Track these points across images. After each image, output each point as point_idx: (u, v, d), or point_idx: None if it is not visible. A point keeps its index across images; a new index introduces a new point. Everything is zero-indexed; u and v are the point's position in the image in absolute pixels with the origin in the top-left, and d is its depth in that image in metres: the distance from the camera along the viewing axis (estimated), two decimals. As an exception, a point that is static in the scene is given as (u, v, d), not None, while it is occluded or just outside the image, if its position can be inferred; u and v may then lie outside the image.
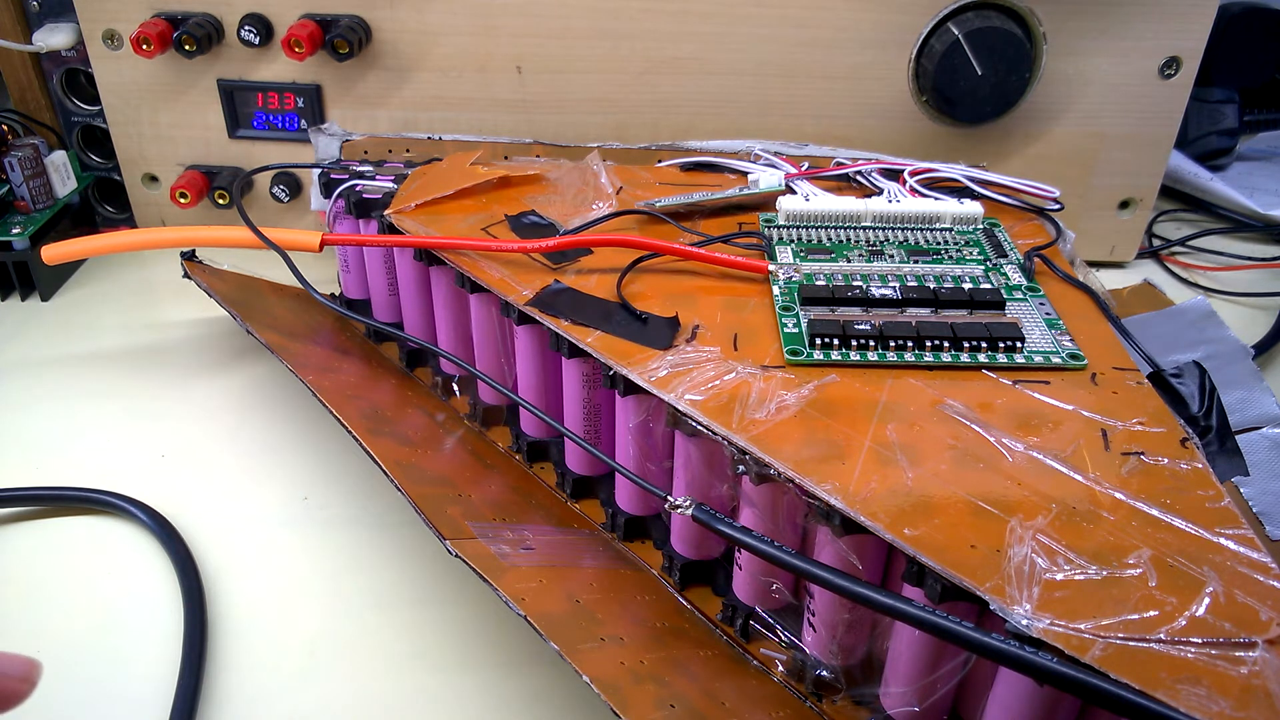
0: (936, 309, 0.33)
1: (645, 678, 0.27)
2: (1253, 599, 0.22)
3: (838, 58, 0.47)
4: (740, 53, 0.47)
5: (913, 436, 0.27)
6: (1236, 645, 0.21)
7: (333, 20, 0.47)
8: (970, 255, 0.37)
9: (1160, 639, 0.21)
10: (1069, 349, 0.31)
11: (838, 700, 0.28)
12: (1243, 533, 0.24)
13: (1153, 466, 0.26)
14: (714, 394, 0.29)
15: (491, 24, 0.47)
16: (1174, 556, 0.23)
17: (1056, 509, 0.25)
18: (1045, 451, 0.27)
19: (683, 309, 0.33)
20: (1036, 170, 0.48)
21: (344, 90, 0.49)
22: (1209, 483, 0.26)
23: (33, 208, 0.51)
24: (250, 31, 0.47)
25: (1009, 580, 0.23)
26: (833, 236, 0.38)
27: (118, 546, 0.36)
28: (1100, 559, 0.23)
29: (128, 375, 0.45)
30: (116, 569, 0.35)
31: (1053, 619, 0.22)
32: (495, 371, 0.38)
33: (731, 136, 0.48)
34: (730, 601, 0.31)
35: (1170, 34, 0.46)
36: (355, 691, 0.31)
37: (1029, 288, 0.35)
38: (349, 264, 0.45)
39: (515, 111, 0.49)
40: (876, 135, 0.49)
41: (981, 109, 0.47)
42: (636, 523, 0.34)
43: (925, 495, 0.25)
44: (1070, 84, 0.47)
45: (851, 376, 0.30)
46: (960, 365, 0.30)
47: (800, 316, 0.33)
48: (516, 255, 0.36)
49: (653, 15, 0.46)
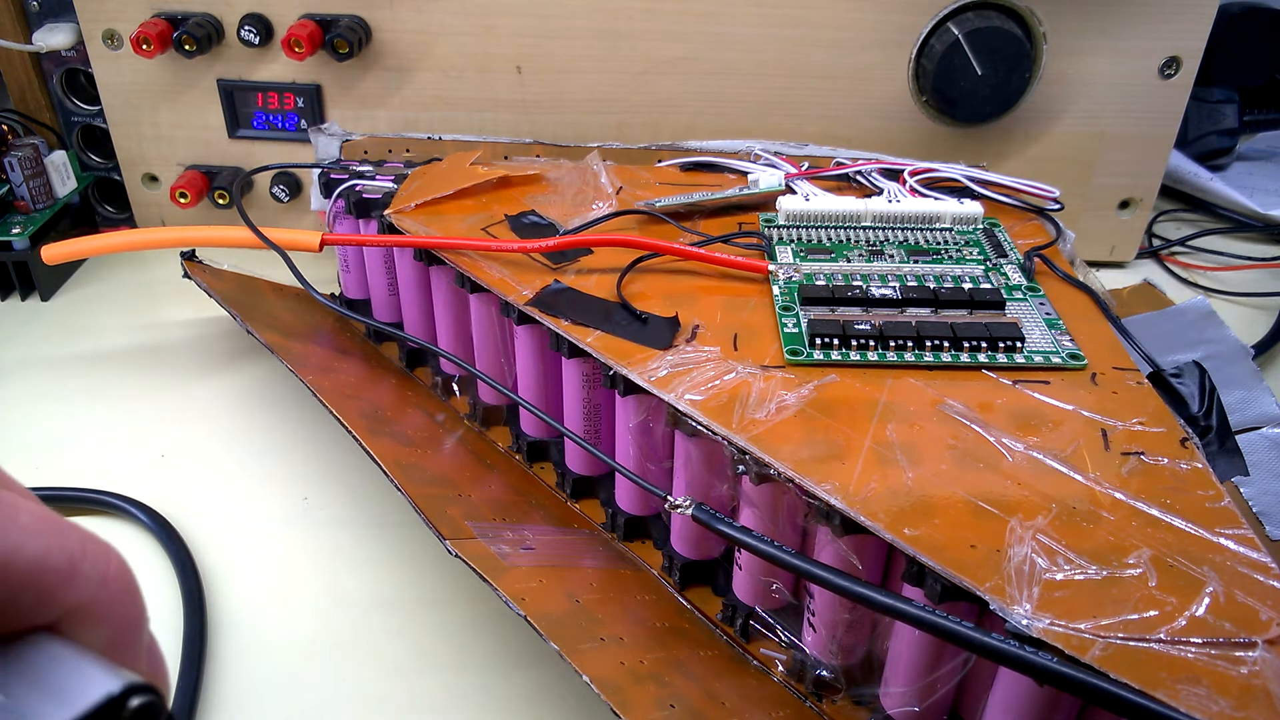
0: (936, 309, 0.33)
1: (645, 678, 0.27)
2: (1253, 599, 0.22)
3: (838, 58, 0.47)
4: (740, 53, 0.47)
5: (913, 436, 0.27)
6: (1236, 645, 0.21)
7: (333, 20, 0.47)
8: (970, 255, 0.37)
9: (1160, 639, 0.21)
10: (1069, 349, 0.31)
11: (838, 700, 0.28)
12: (1243, 533, 0.24)
13: (1153, 466, 0.26)
14: (714, 394, 0.29)
15: (491, 24, 0.47)
16: (1174, 556, 0.23)
17: (1056, 509, 0.25)
18: (1045, 451, 0.27)
19: (683, 309, 0.33)
20: (1036, 170, 0.48)
21: (344, 90, 0.49)
22: (1209, 483, 0.26)
23: (33, 208, 0.51)
24: (250, 31, 0.47)
25: (1009, 580, 0.23)
26: (833, 236, 0.38)
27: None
28: (1100, 559, 0.23)
29: (128, 375, 0.45)
30: (116, 569, 0.35)
31: (1053, 619, 0.22)
32: (495, 371, 0.38)
33: (731, 136, 0.48)
34: (730, 601, 0.31)
35: (1170, 34, 0.46)
36: (355, 691, 0.31)
37: (1029, 288, 0.35)
38: (349, 264, 0.45)
39: (515, 111, 0.49)
40: (876, 135, 0.49)
41: (981, 109, 0.47)
42: (636, 523, 0.34)
43: (925, 495, 0.25)
44: (1070, 84, 0.47)
45: (851, 376, 0.30)
46: (960, 365, 0.30)
47: (800, 316, 0.33)
48: (516, 255, 0.36)
49: (653, 15, 0.46)
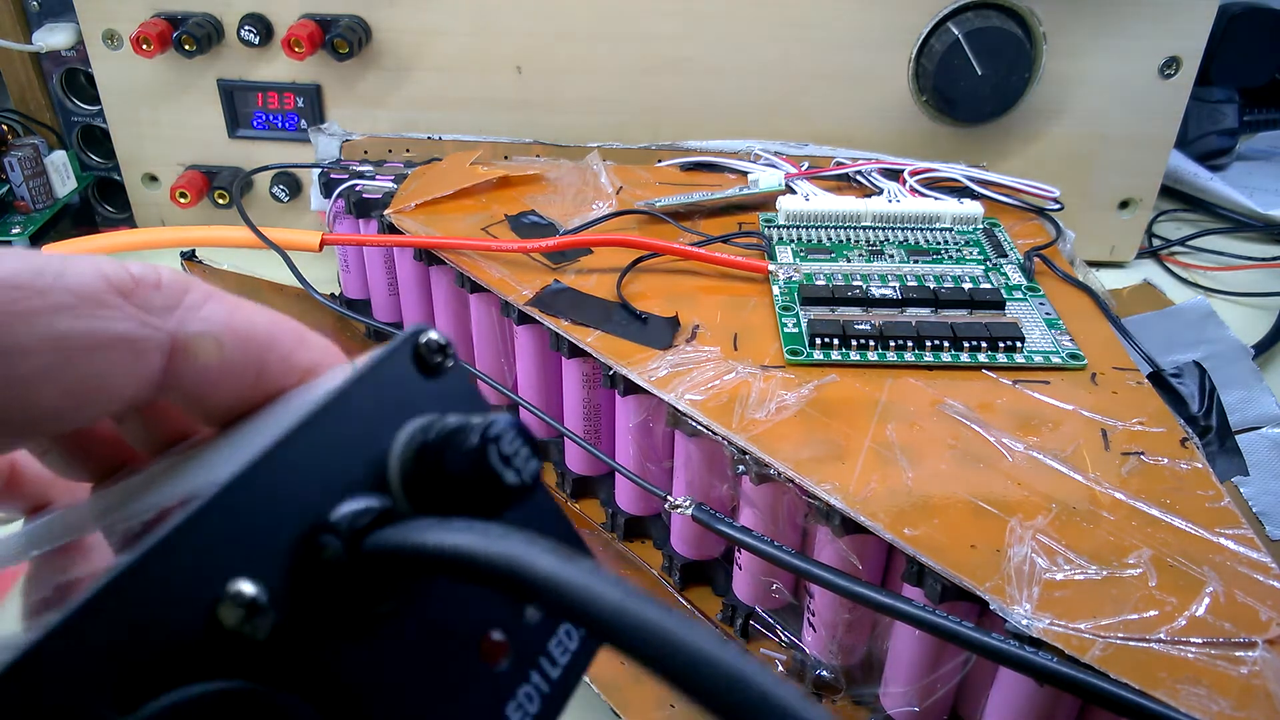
0: (936, 309, 0.33)
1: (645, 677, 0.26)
2: (1253, 599, 0.22)
3: (838, 57, 0.47)
4: (740, 53, 0.47)
5: (913, 436, 0.27)
6: (1236, 645, 0.21)
7: (332, 20, 0.47)
8: (970, 255, 0.37)
9: (1160, 639, 0.21)
10: (1069, 349, 0.31)
11: (838, 700, 0.28)
12: (1243, 533, 0.24)
13: (1153, 466, 0.26)
14: (714, 394, 0.29)
15: (491, 23, 0.47)
16: (1174, 556, 0.23)
17: (1056, 509, 0.25)
18: (1045, 451, 0.27)
19: (683, 309, 0.33)
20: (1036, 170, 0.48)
21: (344, 90, 0.49)
22: (1209, 483, 0.26)
23: (33, 208, 0.51)
24: (250, 31, 0.47)
25: (1009, 580, 0.23)
26: (833, 236, 0.38)
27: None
28: (1100, 559, 0.23)
29: (128, 375, 0.45)
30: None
31: (1053, 619, 0.22)
32: (495, 371, 0.38)
33: (731, 136, 0.48)
34: (730, 601, 0.31)
35: (1170, 34, 0.46)
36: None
37: (1029, 288, 0.35)
38: (349, 264, 0.45)
39: (515, 111, 0.49)
40: (877, 135, 0.49)
41: (981, 109, 0.47)
42: (636, 523, 0.34)
43: (925, 495, 0.25)
44: (1070, 84, 0.47)
45: (851, 376, 0.30)
46: (960, 365, 0.30)
47: (800, 316, 0.33)
48: (516, 255, 0.36)
49: (653, 15, 0.46)
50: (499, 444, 0.12)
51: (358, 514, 0.12)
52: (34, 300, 0.13)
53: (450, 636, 0.13)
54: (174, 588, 0.11)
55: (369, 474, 0.13)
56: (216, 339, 0.15)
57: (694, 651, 0.10)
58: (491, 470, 0.12)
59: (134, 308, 0.14)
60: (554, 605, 0.10)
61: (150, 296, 0.14)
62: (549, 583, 0.10)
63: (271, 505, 0.12)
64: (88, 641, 0.10)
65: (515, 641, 0.14)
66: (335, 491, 0.12)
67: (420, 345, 0.14)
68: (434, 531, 0.12)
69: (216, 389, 0.15)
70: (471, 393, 0.14)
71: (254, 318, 0.16)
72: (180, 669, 0.11)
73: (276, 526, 0.12)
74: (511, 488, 0.12)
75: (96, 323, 0.13)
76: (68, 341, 0.13)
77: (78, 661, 0.10)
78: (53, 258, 0.13)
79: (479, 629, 0.13)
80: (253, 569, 0.11)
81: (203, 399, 0.15)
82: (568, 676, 0.14)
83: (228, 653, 0.11)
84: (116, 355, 0.14)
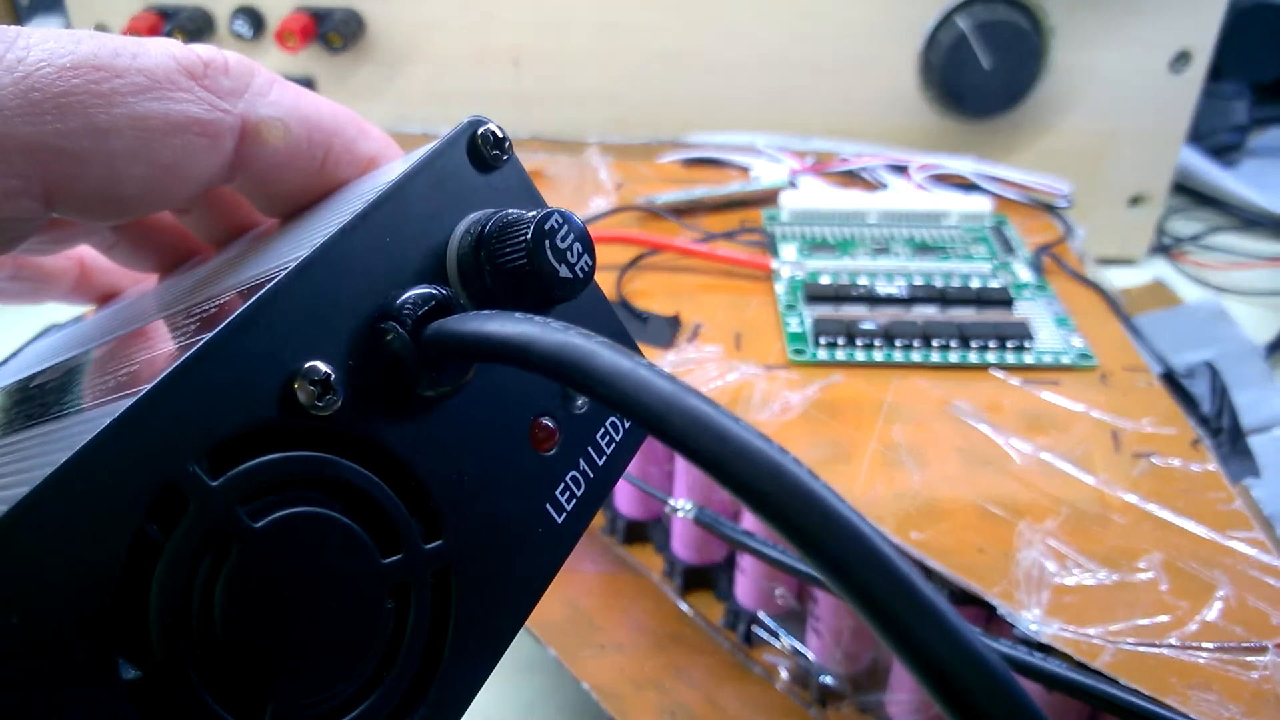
0: (943, 307, 0.32)
1: (646, 684, 0.26)
2: (1264, 603, 0.22)
3: (843, 50, 0.47)
4: (744, 45, 0.47)
5: (919, 438, 0.27)
6: (1248, 650, 0.21)
7: (326, 13, 0.47)
8: (978, 252, 0.36)
9: (1171, 644, 0.21)
10: (1079, 348, 0.31)
11: (842, 708, 0.28)
12: (1254, 536, 0.24)
13: (1163, 468, 0.26)
14: (716, 394, 0.28)
15: (487, 15, 0.47)
16: (1185, 560, 0.23)
17: (1066, 512, 0.24)
18: (1054, 453, 0.26)
19: (684, 307, 0.33)
20: (1045, 165, 0.48)
21: (338, 84, 0.49)
22: (1220, 485, 0.26)
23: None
24: (242, 24, 0.47)
25: (1018, 585, 0.22)
26: (837, 233, 0.38)
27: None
28: (1110, 563, 0.23)
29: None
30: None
31: (1062, 624, 0.22)
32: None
33: (734, 130, 0.47)
34: (733, 607, 0.30)
35: (1181, 28, 0.46)
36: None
37: (1038, 286, 0.34)
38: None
39: (512, 105, 0.49)
40: (882, 129, 0.48)
41: (989, 103, 0.46)
42: (637, 527, 0.34)
43: (932, 498, 0.25)
44: (1079, 78, 0.47)
45: (857, 376, 0.30)
46: (968, 365, 0.30)
47: (804, 315, 0.32)
48: (515, 252, 0.36)
49: (653, 6, 0.46)
50: (554, 238, 0.13)
51: (419, 301, 0.13)
52: (114, 81, 0.14)
53: (502, 422, 0.14)
54: (256, 360, 0.12)
55: (428, 265, 0.13)
56: (284, 123, 0.16)
57: (738, 445, 0.10)
58: (547, 263, 0.13)
59: (204, 90, 0.15)
60: (608, 397, 0.11)
61: (219, 80, 0.15)
62: (604, 374, 0.11)
63: (339, 290, 0.12)
64: (181, 409, 0.11)
65: (564, 430, 0.15)
66: (397, 280, 0.13)
67: (477, 136, 0.14)
68: (496, 321, 0.12)
69: (283, 174, 0.16)
70: (528, 186, 0.15)
71: (319, 105, 0.16)
72: (257, 441, 0.12)
73: (344, 310, 0.12)
74: (565, 281, 0.13)
75: (172, 105, 0.14)
76: (148, 122, 0.14)
77: (173, 425, 0.11)
78: (128, 40, 0.14)
79: (529, 416, 0.14)
80: (323, 350, 0.12)
81: (270, 185, 0.16)
82: (612, 465, 0.15)
83: (298, 428, 0.12)
84: (194, 138, 0.15)
